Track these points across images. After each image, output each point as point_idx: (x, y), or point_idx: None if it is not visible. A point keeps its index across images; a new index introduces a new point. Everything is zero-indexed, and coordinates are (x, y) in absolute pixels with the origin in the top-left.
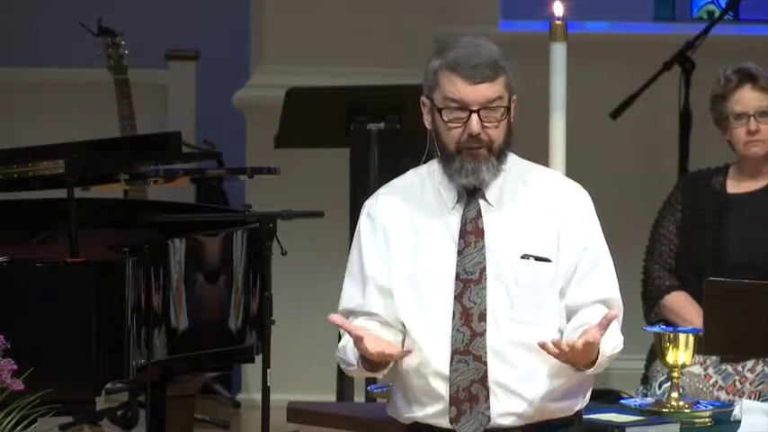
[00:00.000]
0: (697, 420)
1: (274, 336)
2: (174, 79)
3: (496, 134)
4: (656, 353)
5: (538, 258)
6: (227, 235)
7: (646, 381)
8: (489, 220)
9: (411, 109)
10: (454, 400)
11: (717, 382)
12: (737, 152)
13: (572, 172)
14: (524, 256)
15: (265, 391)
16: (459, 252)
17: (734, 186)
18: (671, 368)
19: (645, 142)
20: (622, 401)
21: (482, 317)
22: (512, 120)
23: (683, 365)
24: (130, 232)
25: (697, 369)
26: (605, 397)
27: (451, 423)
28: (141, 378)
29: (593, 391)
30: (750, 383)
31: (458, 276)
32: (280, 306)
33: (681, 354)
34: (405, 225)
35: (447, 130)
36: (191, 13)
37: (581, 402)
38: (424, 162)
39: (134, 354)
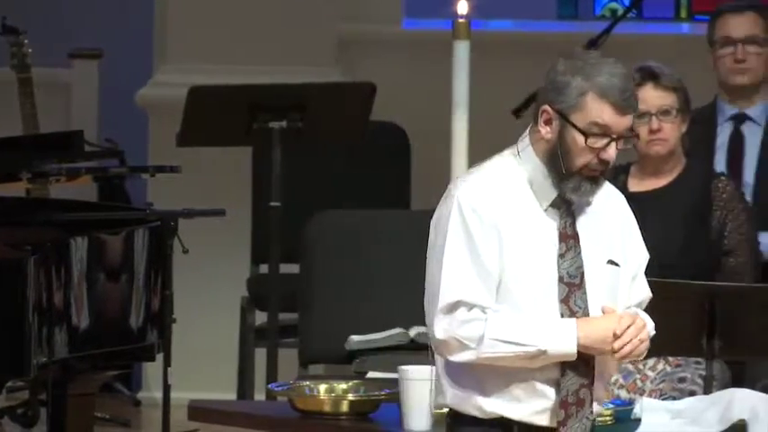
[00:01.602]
0: (598, 418)
1: (175, 334)
2: (77, 78)
3: (614, 160)
4: None
5: (615, 263)
6: (129, 233)
7: None
8: (580, 225)
9: (313, 107)
10: (563, 403)
11: (618, 380)
12: (639, 151)
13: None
14: (609, 262)
15: (166, 390)
16: (561, 256)
17: (636, 185)
18: None
19: None
20: None
21: None
22: None
23: None
24: (32, 231)
25: None
26: None
27: (559, 426)
28: (42, 376)
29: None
30: (651, 382)
31: (561, 279)
32: (181, 304)
33: None
34: (507, 221)
35: (581, 150)
36: (94, 12)
37: None
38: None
39: (35, 352)
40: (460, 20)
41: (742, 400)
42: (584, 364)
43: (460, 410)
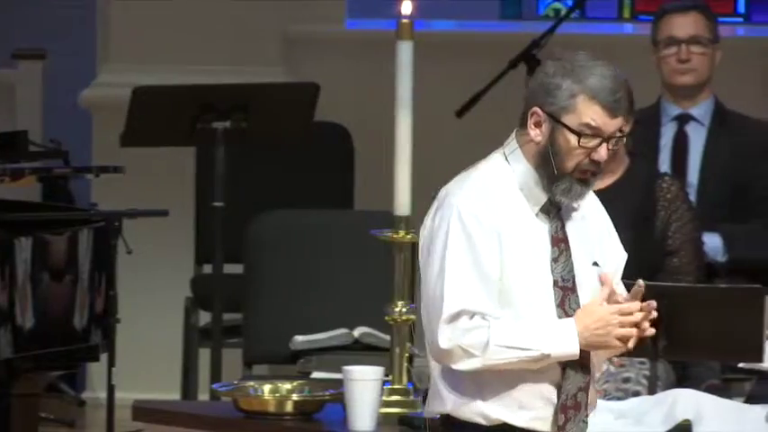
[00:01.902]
0: None
1: (119, 334)
2: (21, 78)
3: (608, 161)
4: None
5: (598, 265)
6: (73, 234)
7: None
8: (569, 229)
9: (257, 107)
10: (563, 407)
11: None
12: None
13: (418, 171)
14: (594, 263)
15: (110, 390)
16: (554, 260)
17: None
18: None
19: (491, 140)
20: None
21: None
22: None
23: None
24: None
25: None
26: None
27: (559, 430)
28: None
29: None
30: (595, 382)
31: (556, 284)
32: (125, 305)
33: None
34: (506, 226)
35: (573, 152)
36: (38, 13)
37: None
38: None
39: None
40: (404, 20)
41: (686, 401)
42: (581, 365)
43: (462, 418)
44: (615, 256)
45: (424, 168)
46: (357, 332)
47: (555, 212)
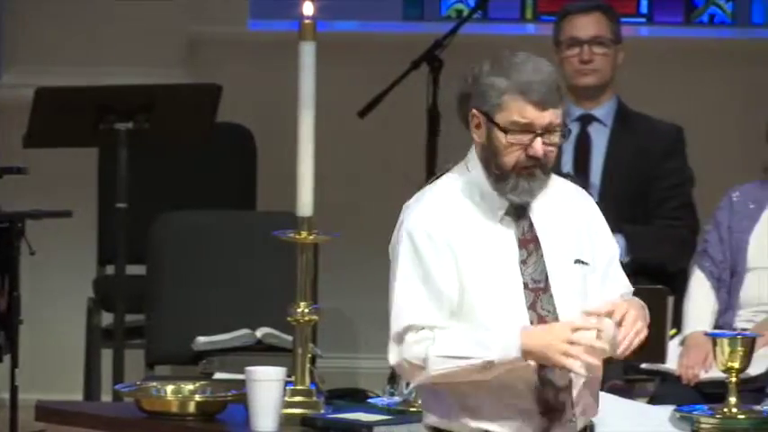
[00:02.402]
0: None
1: (22, 335)
2: None
3: (552, 155)
4: None
5: (584, 263)
6: None
7: (393, 380)
8: (539, 229)
9: (160, 108)
10: (545, 411)
11: None
12: None
13: (321, 171)
14: (576, 261)
15: (13, 391)
16: (523, 262)
17: None
18: None
19: (393, 141)
20: (370, 400)
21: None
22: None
23: None
24: None
25: None
26: (352, 396)
27: None
28: None
29: (337, 390)
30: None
31: (526, 286)
32: (28, 306)
33: None
34: (464, 239)
35: (509, 150)
36: None
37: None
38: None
39: None
40: (306, 21)
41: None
42: (558, 369)
43: (448, 429)
44: (604, 252)
45: (326, 169)
46: (259, 333)
47: (522, 214)
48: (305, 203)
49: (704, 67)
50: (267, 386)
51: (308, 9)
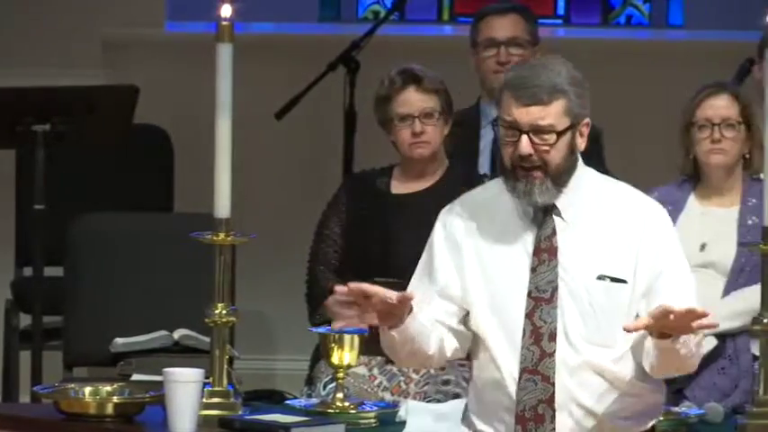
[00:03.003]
0: (362, 421)
1: None
2: None
3: (550, 157)
4: (321, 353)
5: (614, 279)
6: None
7: (310, 381)
8: (564, 239)
9: (77, 110)
10: (520, 418)
11: (382, 382)
12: (402, 153)
13: (238, 173)
14: (600, 277)
15: None
16: (533, 269)
17: (398, 187)
18: (336, 369)
19: (310, 143)
20: (287, 402)
21: (552, 337)
22: (578, 143)
23: (349, 366)
24: None
25: (362, 370)
26: (270, 397)
27: None
28: None
29: (255, 391)
30: (415, 384)
31: (529, 294)
32: None
33: (346, 354)
34: (480, 240)
35: (503, 146)
36: None
37: (652, 421)
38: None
39: None
40: (224, 23)
41: None
42: (542, 378)
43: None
44: (652, 266)
45: (244, 170)
46: (177, 334)
47: (549, 221)
48: (222, 205)
49: (622, 69)
50: (185, 388)
51: (225, 11)
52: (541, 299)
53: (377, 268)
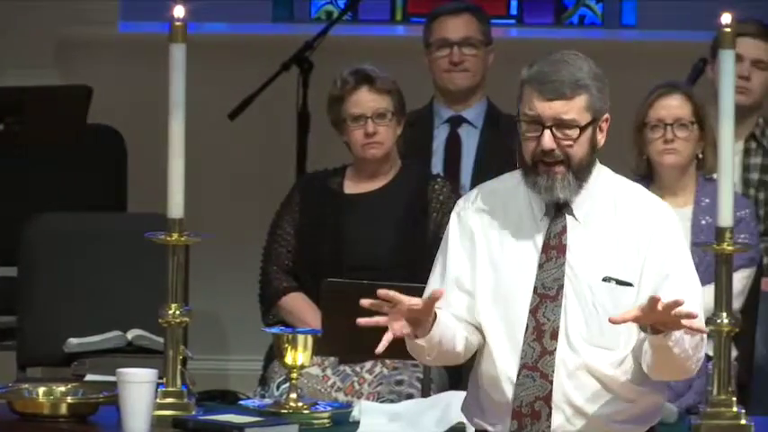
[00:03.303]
0: (316, 421)
1: None
2: None
3: (573, 151)
4: (274, 354)
5: (620, 282)
6: None
7: (264, 382)
8: (574, 237)
9: (30, 110)
10: (516, 414)
11: (335, 383)
12: (355, 154)
13: (191, 173)
14: (606, 279)
15: None
16: (540, 266)
17: (351, 187)
18: (289, 369)
19: (263, 143)
20: (241, 402)
21: (554, 335)
22: (598, 139)
23: (302, 366)
24: None
25: (315, 370)
26: (223, 398)
27: None
28: None
29: (208, 392)
30: (368, 385)
31: (535, 290)
32: None
33: (299, 355)
34: (492, 231)
35: (525, 141)
36: None
37: (650, 424)
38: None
39: None
40: (177, 23)
41: (460, 403)
42: (541, 375)
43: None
44: (658, 269)
45: (197, 171)
46: (130, 335)
47: (560, 219)
48: (176, 205)
49: None
50: (138, 388)
51: (178, 11)
52: (547, 296)
53: (330, 268)
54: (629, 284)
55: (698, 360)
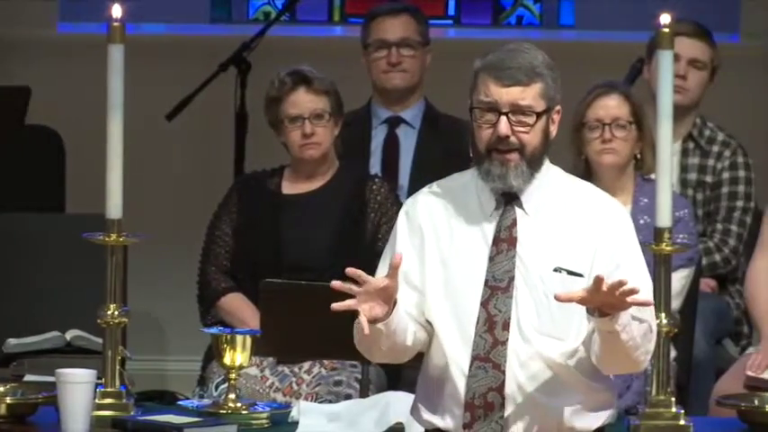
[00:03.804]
0: (254, 422)
1: None
2: None
3: (528, 139)
4: (213, 354)
5: (570, 273)
6: None
7: (203, 382)
8: (524, 230)
9: None
10: (469, 405)
11: (273, 383)
12: (293, 154)
13: (130, 174)
14: (557, 269)
15: None
16: (491, 259)
17: (289, 188)
18: (228, 369)
19: (201, 144)
20: (179, 403)
21: (506, 325)
22: (551, 130)
23: (241, 367)
24: None
25: (253, 371)
26: (162, 398)
27: (464, 429)
28: None
29: (147, 392)
30: (307, 385)
31: (486, 283)
32: None
33: (238, 355)
34: (442, 227)
35: (479, 130)
36: None
37: (600, 422)
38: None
39: None
40: (115, 24)
41: (398, 403)
42: (493, 366)
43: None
44: (608, 262)
45: (135, 171)
46: (69, 335)
47: (510, 212)
48: (114, 205)
49: None
50: (77, 388)
51: (116, 11)
52: (498, 288)
53: (268, 269)
54: (580, 275)
55: (647, 352)
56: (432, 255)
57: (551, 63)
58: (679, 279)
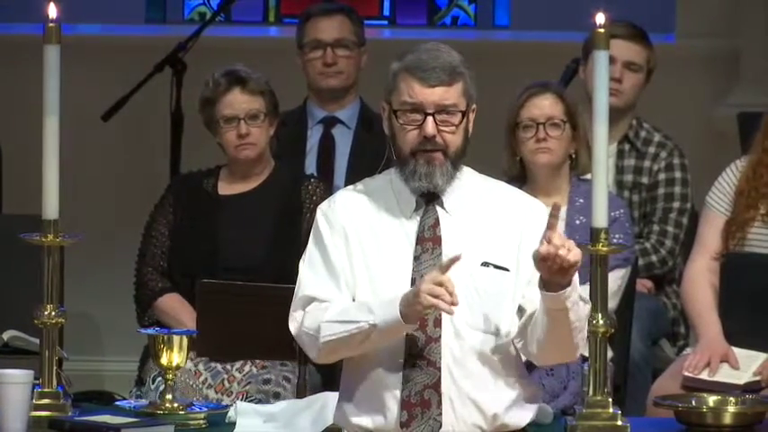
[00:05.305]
0: (192, 422)
1: None
2: None
3: (452, 139)
4: (150, 354)
5: (497, 267)
6: None
7: (140, 382)
8: (447, 228)
9: None
10: (406, 404)
11: (206, 379)
12: (228, 155)
13: (66, 174)
14: (484, 264)
15: None
16: (416, 258)
17: (225, 188)
18: (165, 370)
19: (137, 144)
20: (117, 403)
21: (437, 322)
22: (469, 128)
23: (178, 367)
24: None
25: (188, 365)
26: (99, 398)
27: (402, 427)
28: None
29: (84, 392)
30: (238, 383)
31: (413, 282)
32: None
33: (175, 356)
34: (363, 228)
35: (403, 132)
36: None
37: (531, 416)
38: (383, 170)
39: None
40: (50, 24)
41: (334, 404)
42: (428, 363)
43: (340, 426)
44: (529, 260)
45: (72, 172)
46: (6, 336)
47: (431, 211)
48: (50, 206)
49: None
50: (15, 389)
51: (51, 11)
52: None
53: (204, 269)
54: (507, 269)
55: (583, 339)
56: (357, 255)
57: (467, 63)
58: (615, 279)
